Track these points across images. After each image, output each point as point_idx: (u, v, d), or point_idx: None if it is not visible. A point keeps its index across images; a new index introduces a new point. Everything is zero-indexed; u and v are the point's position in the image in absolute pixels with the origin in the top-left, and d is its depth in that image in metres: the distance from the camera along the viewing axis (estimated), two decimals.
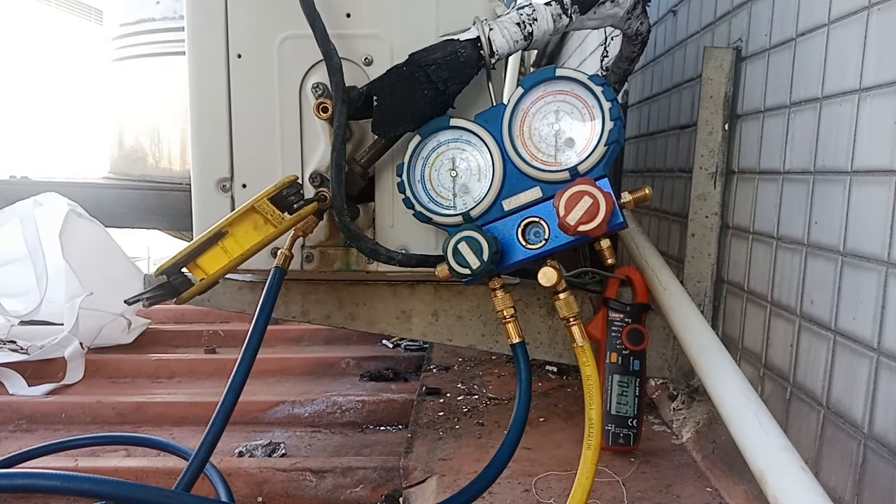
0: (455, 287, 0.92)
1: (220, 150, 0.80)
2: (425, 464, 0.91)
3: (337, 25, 0.75)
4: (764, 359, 0.79)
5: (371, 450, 1.13)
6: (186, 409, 1.28)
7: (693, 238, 0.93)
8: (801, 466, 0.61)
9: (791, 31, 0.75)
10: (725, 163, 0.91)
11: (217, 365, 1.55)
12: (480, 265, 0.65)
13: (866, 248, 0.60)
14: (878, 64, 0.59)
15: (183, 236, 2.31)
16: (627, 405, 0.88)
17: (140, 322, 1.74)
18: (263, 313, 0.73)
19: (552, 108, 0.67)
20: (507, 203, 0.68)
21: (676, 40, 1.15)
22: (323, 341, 1.73)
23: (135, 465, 1.03)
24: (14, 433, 1.25)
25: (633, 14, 0.82)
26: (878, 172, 0.58)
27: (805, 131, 0.71)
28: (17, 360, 1.45)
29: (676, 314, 0.86)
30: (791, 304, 0.73)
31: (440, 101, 0.69)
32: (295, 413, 1.28)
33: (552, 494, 0.80)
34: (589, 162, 0.65)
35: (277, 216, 0.68)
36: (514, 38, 0.70)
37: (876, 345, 0.58)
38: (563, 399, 1.14)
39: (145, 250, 3.83)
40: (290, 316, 0.93)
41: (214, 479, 0.89)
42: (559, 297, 0.68)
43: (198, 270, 0.68)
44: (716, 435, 0.87)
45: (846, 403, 0.62)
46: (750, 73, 0.86)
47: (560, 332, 0.94)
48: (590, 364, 0.66)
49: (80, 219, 1.69)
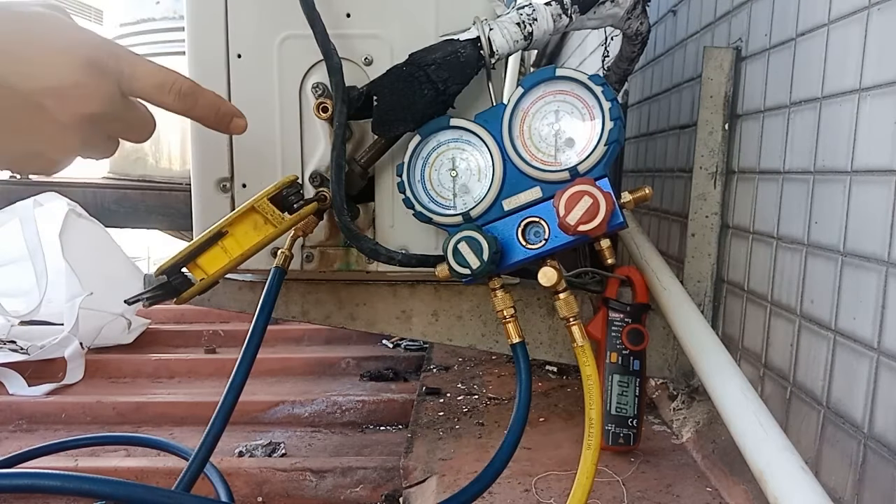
0: (455, 287, 0.92)
1: (220, 150, 0.80)
2: (425, 464, 0.91)
3: (337, 25, 0.75)
4: (764, 359, 0.79)
5: (371, 450, 1.13)
6: (186, 409, 1.28)
7: (693, 238, 0.93)
8: (801, 466, 0.61)
9: (791, 31, 0.75)
10: (725, 163, 0.91)
11: (217, 365, 1.55)
12: (480, 265, 0.65)
13: (866, 248, 0.60)
14: (878, 64, 0.59)
15: (183, 236, 2.31)
16: (627, 405, 0.88)
17: (140, 322, 1.74)
18: (263, 313, 0.73)
19: (552, 107, 0.67)
20: (507, 203, 0.68)
21: (676, 40, 1.15)
22: (323, 341, 1.73)
23: (135, 465, 1.03)
24: (14, 433, 1.25)
25: (633, 14, 0.82)
26: (878, 172, 0.58)
27: (805, 131, 0.71)
28: (17, 360, 1.45)
29: (676, 314, 0.86)
30: (791, 304, 0.73)
31: (440, 101, 0.69)
32: (295, 413, 1.28)
33: (552, 494, 0.80)
34: (589, 162, 0.65)
35: (277, 216, 0.68)
36: (514, 38, 0.70)
37: (876, 345, 0.58)
38: (563, 399, 1.14)
39: (145, 250, 3.83)
40: (290, 316, 0.93)
41: (214, 479, 0.89)
42: (559, 297, 0.68)
43: (198, 270, 0.68)
44: (716, 435, 0.87)
45: (846, 403, 0.62)
46: (750, 73, 0.86)
47: (560, 332, 0.94)
48: (590, 364, 0.66)
49: (80, 219, 1.69)
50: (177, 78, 0.55)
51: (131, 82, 0.53)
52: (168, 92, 0.55)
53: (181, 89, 0.55)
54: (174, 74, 0.55)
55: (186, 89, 0.56)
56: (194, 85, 0.56)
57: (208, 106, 0.59)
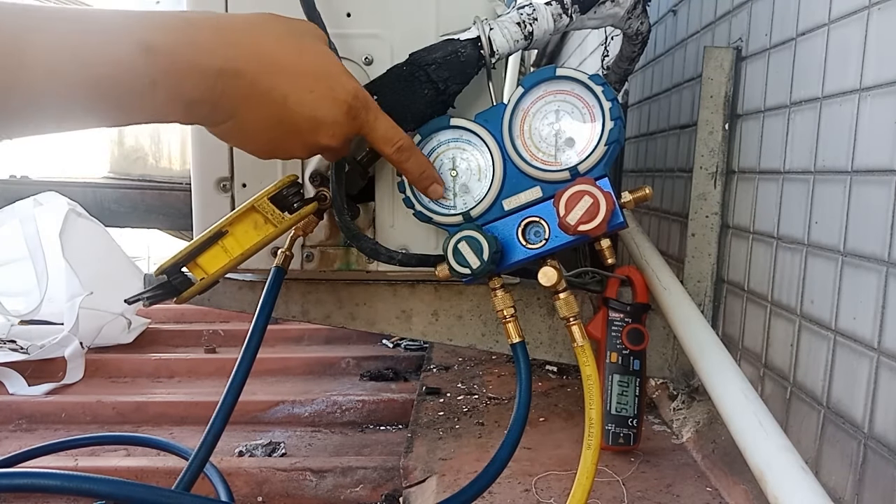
0: (455, 287, 0.92)
1: (220, 150, 0.80)
2: (425, 463, 0.91)
3: (337, 25, 0.75)
4: (764, 358, 0.79)
5: (371, 449, 1.13)
6: (186, 408, 1.28)
7: (693, 238, 0.93)
8: (801, 466, 0.61)
9: (791, 31, 0.75)
10: (725, 162, 0.91)
11: (217, 365, 1.55)
12: (480, 265, 0.65)
13: (866, 248, 0.60)
14: (878, 64, 0.59)
15: (183, 236, 2.31)
16: (627, 405, 0.88)
17: (140, 322, 1.74)
18: (263, 313, 0.73)
19: (552, 107, 0.67)
20: (508, 203, 0.68)
21: (676, 40, 1.15)
22: (323, 341, 1.73)
23: (135, 464, 1.03)
24: (14, 433, 1.25)
25: (633, 14, 0.82)
26: (878, 172, 0.58)
27: (805, 131, 0.71)
28: (17, 359, 1.45)
29: (676, 314, 0.86)
30: (791, 304, 0.73)
31: (440, 101, 0.69)
32: (295, 413, 1.28)
33: (552, 494, 0.80)
34: (589, 161, 0.65)
35: (278, 215, 0.68)
36: (514, 37, 0.70)
37: (876, 345, 0.58)
38: (563, 399, 1.14)
39: (145, 250, 3.83)
40: (290, 315, 0.93)
41: (214, 478, 0.89)
42: (559, 297, 0.68)
43: (198, 270, 0.67)
44: (716, 435, 0.87)
45: (846, 403, 0.62)
46: (750, 73, 0.86)
47: (560, 331, 0.94)
48: (590, 364, 0.66)
49: (80, 219, 1.69)
50: (402, 136, 0.64)
51: (369, 131, 0.63)
52: (392, 145, 0.64)
53: (401, 146, 0.64)
54: (400, 132, 0.64)
55: (405, 146, 0.65)
56: (412, 144, 0.66)
57: (418, 164, 0.67)
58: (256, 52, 0.55)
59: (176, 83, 0.51)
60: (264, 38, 0.56)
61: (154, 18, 0.51)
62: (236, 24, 0.56)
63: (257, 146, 0.61)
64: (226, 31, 0.54)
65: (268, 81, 0.55)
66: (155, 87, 0.50)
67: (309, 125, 0.58)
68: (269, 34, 0.56)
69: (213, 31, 0.53)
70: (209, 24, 0.54)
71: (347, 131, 0.61)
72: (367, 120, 0.62)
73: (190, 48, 0.51)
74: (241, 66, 0.53)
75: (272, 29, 0.57)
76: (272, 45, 0.56)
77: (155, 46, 0.49)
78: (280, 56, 0.56)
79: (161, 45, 0.50)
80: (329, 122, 0.59)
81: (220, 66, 0.52)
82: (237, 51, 0.54)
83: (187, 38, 0.52)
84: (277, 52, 0.56)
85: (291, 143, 0.60)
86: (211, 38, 0.53)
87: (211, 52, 0.52)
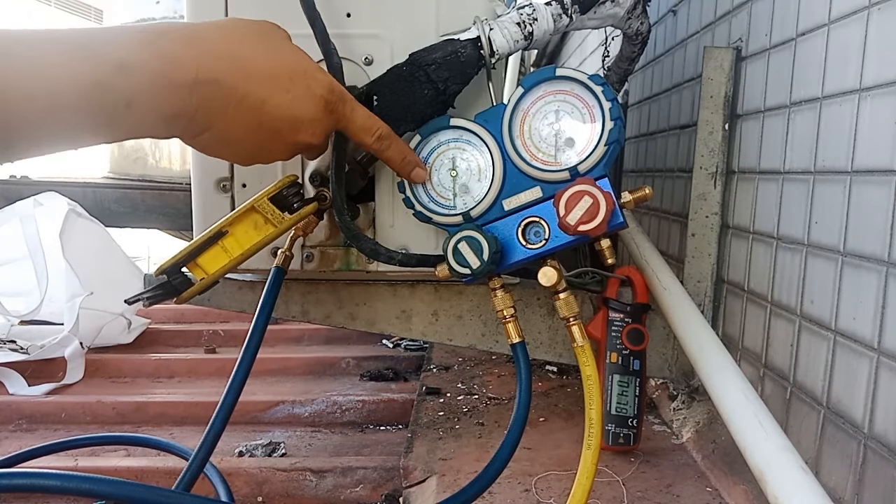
0: (455, 287, 0.92)
1: None
2: (425, 463, 0.91)
3: (337, 25, 0.75)
4: (764, 359, 0.79)
5: (371, 450, 1.13)
6: (186, 409, 1.28)
7: (693, 238, 0.93)
8: (801, 466, 0.61)
9: (791, 31, 0.75)
10: (725, 163, 0.91)
11: (217, 365, 1.55)
12: (480, 265, 0.65)
13: (866, 248, 0.60)
14: (878, 64, 0.59)
15: (183, 236, 2.31)
16: (627, 405, 0.88)
17: (140, 322, 1.74)
18: (263, 313, 0.73)
19: (552, 107, 0.67)
20: (507, 203, 0.68)
21: (676, 40, 1.15)
22: (323, 341, 1.73)
23: (135, 465, 1.03)
24: (14, 433, 1.25)
25: (633, 14, 0.82)
26: (878, 172, 0.58)
27: (805, 131, 0.71)
28: (17, 359, 1.45)
29: (676, 314, 0.86)
30: (791, 304, 0.73)
31: (440, 101, 0.69)
32: (295, 413, 1.28)
33: (552, 494, 0.80)
34: (589, 162, 0.65)
35: (278, 216, 0.68)
36: (514, 37, 0.70)
37: (876, 345, 0.58)
38: (563, 399, 1.14)
39: (145, 250, 3.83)
40: (290, 316, 0.93)
41: (214, 479, 0.89)
42: (559, 297, 0.68)
43: (198, 270, 0.67)
44: (716, 435, 0.87)
45: (846, 403, 0.62)
46: (750, 73, 0.86)
47: (560, 332, 0.94)
48: (590, 364, 0.66)
49: (80, 219, 1.69)
50: (380, 124, 0.64)
51: (347, 123, 0.63)
52: (371, 135, 0.64)
53: (380, 134, 0.64)
54: (378, 121, 0.64)
55: (384, 134, 0.64)
56: (391, 132, 0.65)
57: (398, 151, 0.67)
58: (231, 60, 0.54)
59: (151, 99, 0.50)
60: (237, 45, 0.55)
61: (130, 35, 0.51)
62: (208, 32, 0.55)
63: (238, 154, 0.61)
64: (198, 41, 0.54)
65: (244, 88, 0.55)
66: (131, 106, 0.49)
67: (289, 126, 0.58)
68: (241, 40, 0.56)
69: (186, 42, 0.53)
70: (181, 35, 0.53)
71: (327, 126, 0.61)
72: (345, 112, 0.62)
73: (163, 62, 0.51)
74: (217, 76, 0.53)
75: (243, 34, 0.57)
76: (246, 50, 0.56)
77: (129, 65, 0.49)
78: (254, 61, 0.56)
79: (135, 63, 0.49)
80: (308, 120, 0.59)
81: (194, 77, 0.52)
82: (211, 60, 0.53)
83: (159, 53, 0.51)
84: (251, 56, 0.56)
85: (272, 146, 0.60)
86: (184, 50, 0.52)
87: (185, 64, 0.52)
